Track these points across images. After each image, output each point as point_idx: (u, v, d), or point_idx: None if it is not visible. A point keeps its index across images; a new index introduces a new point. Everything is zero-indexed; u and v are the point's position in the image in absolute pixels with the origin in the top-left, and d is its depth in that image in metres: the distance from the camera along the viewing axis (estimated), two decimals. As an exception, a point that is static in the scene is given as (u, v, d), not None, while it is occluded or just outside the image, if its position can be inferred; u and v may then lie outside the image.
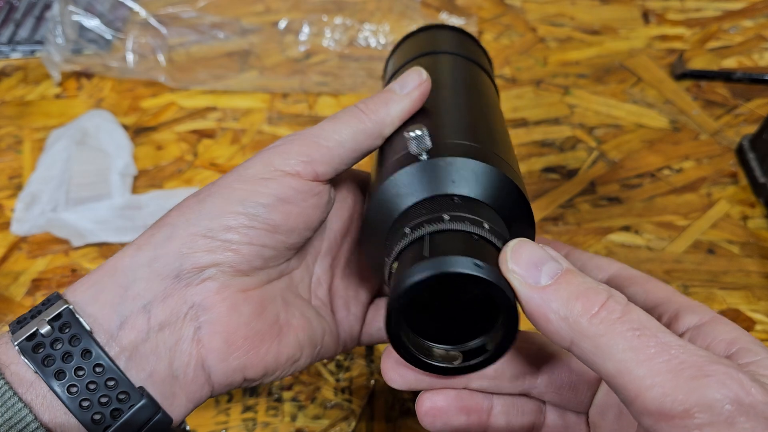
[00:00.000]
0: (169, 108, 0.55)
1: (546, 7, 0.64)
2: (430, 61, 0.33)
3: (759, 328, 0.39)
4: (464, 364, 0.23)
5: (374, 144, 0.28)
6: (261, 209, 0.25)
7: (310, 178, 0.26)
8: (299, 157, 0.26)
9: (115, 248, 0.44)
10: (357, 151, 0.27)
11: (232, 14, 0.62)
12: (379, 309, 0.32)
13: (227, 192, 0.25)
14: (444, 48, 0.35)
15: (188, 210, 0.26)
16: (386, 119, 0.27)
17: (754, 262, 0.43)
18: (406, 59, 0.34)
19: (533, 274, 0.21)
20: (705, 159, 0.50)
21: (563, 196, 0.47)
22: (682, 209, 0.46)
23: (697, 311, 0.23)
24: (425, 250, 0.21)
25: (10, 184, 0.49)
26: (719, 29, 0.61)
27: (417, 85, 0.28)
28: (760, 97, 0.54)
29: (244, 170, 0.26)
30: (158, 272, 0.24)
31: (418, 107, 0.28)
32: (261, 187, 0.25)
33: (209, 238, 0.25)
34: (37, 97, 0.56)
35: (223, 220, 0.25)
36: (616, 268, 0.27)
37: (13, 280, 0.43)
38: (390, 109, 0.28)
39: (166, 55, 0.57)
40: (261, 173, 0.26)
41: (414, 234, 0.22)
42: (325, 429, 0.36)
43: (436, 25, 0.38)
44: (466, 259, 0.20)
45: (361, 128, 0.27)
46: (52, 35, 0.56)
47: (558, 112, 0.54)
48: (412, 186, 0.25)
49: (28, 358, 0.23)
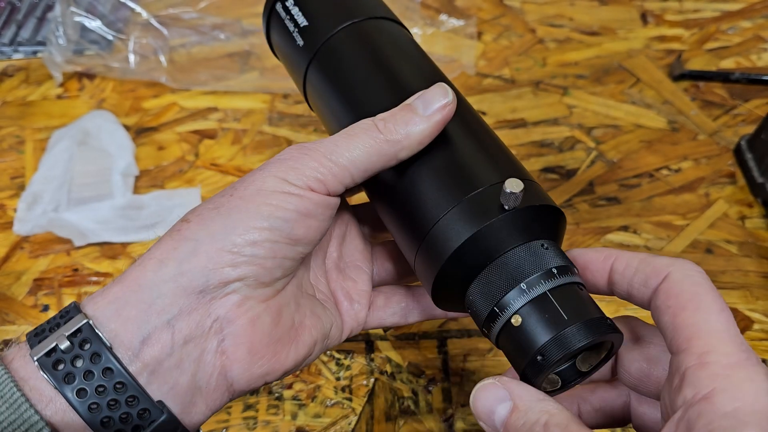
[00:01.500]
0: (170, 108, 0.55)
1: (545, 8, 0.64)
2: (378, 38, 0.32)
3: (757, 327, 0.40)
4: (563, 386, 0.26)
5: (387, 164, 0.27)
6: (284, 224, 0.25)
7: (323, 193, 0.26)
8: (313, 173, 0.26)
9: (116, 248, 0.45)
10: (369, 171, 0.27)
11: (233, 15, 0.62)
12: (386, 296, 0.32)
13: (251, 207, 0.25)
14: (371, 10, 0.33)
15: (211, 223, 0.25)
16: (404, 142, 0.26)
17: (752, 262, 0.43)
18: (328, 30, 0.32)
19: (492, 423, 0.24)
20: (703, 159, 0.50)
21: (562, 196, 0.47)
22: (681, 209, 0.46)
23: (701, 380, 0.21)
24: (563, 312, 0.24)
25: (12, 184, 0.49)
26: (717, 30, 0.61)
27: (441, 107, 0.27)
28: (758, 97, 0.55)
29: (262, 183, 0.26)
30: (184, 287, 0.24)
31: (439, 131, 0.27)
32: (283, 202, 0.25)
33: (235, 253, 0.25)
34: (38, 98, 0.57)
35: (248, 235, 0.25)
36: (670, 274, 0.24)
37: (15, 279, 0.43)
38: (410, 130, 0.26)
39: (168, 56, 0.57)
40: (280, 187, 0.26)
41: (533, 291, 0.24)
42: (326, 427, 0.36)
43: None
44: (604, 321, 0.24)
45: (376, 148, 0.26)
46: (54, 36, 0.56)
47: (557, 112, 0.54)
48: (503, 234, 0.25)
49: (48, 375, 0.23)
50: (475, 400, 0.24)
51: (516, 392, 0.23)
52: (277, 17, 0.34)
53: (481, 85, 0.57)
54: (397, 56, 0.32)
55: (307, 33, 0.33)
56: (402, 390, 0.37)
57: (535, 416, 0.22)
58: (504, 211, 0.25)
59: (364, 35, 0.32)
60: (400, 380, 0.38)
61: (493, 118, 0.53)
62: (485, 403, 0.24)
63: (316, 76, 0.33)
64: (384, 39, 0.32)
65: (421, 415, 0.36)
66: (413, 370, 0.38)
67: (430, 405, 0.37)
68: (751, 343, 0.39)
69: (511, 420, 0.23)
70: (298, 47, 0.33)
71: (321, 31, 0.32)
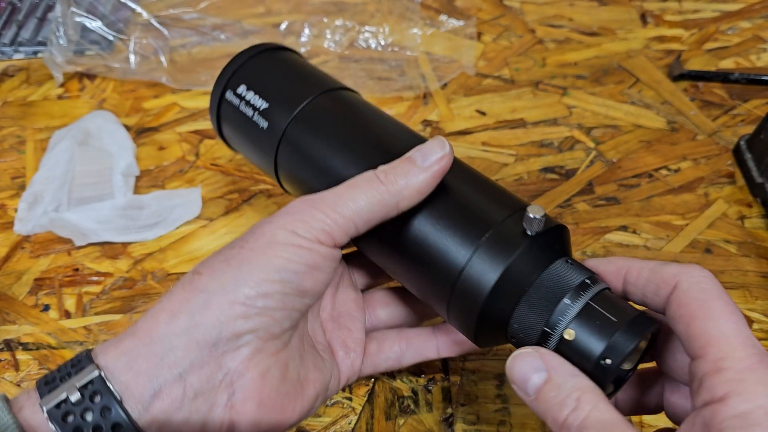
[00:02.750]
0: (170, 109, 0.55)
1: (544, 9, 0.64)
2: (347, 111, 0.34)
3: (756, 327, 0.40)
4: (616, 389, 0.27)
5: (389, 214, 0.28)
6: (294, 276, 0.26)
7: (330, 245, 0.27)
8: (320, 225, 0.26)
9: (117, 248, 0.45)
10: (371, 221, 0.27)
11: (234, 16, 0.62)
12: (378, 342, 0.33)
13: (262, 259, 0.26)
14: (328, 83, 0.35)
15: (222, 276, 0.26)
16: (404, 192, 0.27)
17: (752, 262, 0.43)
18: (296, 104, 0.33)
19: (525, 388, 0.25)
20: (702, 159, 0.50)
21: (561, 196, 0.48)
22: (680, 209, 0.46)
23: (716, 385, 0.21)
24: (611, 315, 0.26)
25: (13, 184, 0.50)
26: (717, 30, 0.61)
27: (439, 158, 0.28)
28: (758, 97, 0.55)
29: (272, 236, 0.26)
30: (196, 340, 0.25)
31: (438, 182, 0.28)
32: (294, 255, 0.26)
33: (247, 305, 0.25)
34: (39, 98, 0.57)
35: (260, 287, 0.25)
36: (679, 283, 0.25)
37: (15, 279, 0.43)
38: (410, 181, 0.27)
39: (168, 57, 0.58)
40: (290, 240, 0.26)
41: (577, 304, 0.26)
42: (326, 427, 0.36)
43: (264, 48, 0.37)
44: (645, 315, 0.26)
45: (378, 199, 0.27)
46: (55, 36, 0.56)
47: (556, 112, 0.54)
48: (531, 260, 0.27)
49: (57, 426, 0.23)
50: (512, 366, 0.25)
51: (551, 364, 0.25)
52: (230, 106, 0.35)
53: (480, 85, 0.57)
54: (373, 115, 0.34)
55: (271, 113, 0.34)
56: (402, 389, 0.37)
57: (567, 391, 0.24)
58: (526, 238, 0.26)
59: (334, 102, 0.34)
60: (400, 380, 0.38)
61: (493, 119, 0.54)
62: (521, 369, 0.25)
63: (291, 149, 0.33)
64: (354, 103, 0.34)
65: (421, 415, 0.36)
66: (413, 369, 0.38)
67: (430, 404, 0.37)
68: (750, 342, 0.39)
69: (544, 390, 0.24)
70: (262, 129, 0.34)
71: (287, 108, 0.33)
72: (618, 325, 0.25)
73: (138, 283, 0.43)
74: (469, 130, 0.53)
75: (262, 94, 0.34)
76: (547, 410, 0.24)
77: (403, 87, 0.56)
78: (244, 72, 0.35)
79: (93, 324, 0.41)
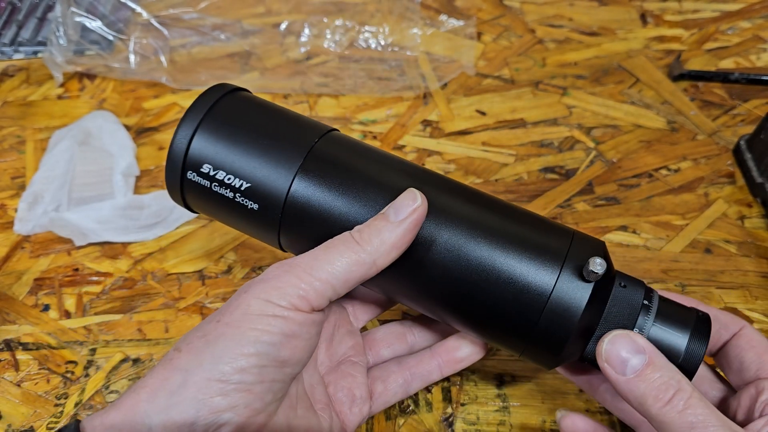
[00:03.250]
0: (170, 109, 0.55)
1: (544, 9, 0.64)
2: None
3: (756, 326, 0.40)
4: None
5: (368, 273, 0.27)
6: (271, 348, 0.26)
7: (307, 311, 0.26)
8: (295, 291, 0.26)
9: (117, 248, 0.45)
10: (349, 282, 0.27)
11: (234, 16, 0.62)
12: (382, 380, 0.33)
13: (237, 333, 0.26)
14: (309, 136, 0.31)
15: (199, 353, 0.26)
16: (380, 249, 0.27)
17: (751, 262, 0.43)
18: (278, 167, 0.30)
19: (621, 369, 0.26)
20: (702, 159, 0.50)
21: (561, 196, 0.48)
22: (680, 209, 0.46)
23: None
24: (681, 315, 0.29)
25: (13, 184, 0.50)
26: (717, 30, 0.61)
27: (411, 211, 0.28)
28: (758, 97, 0.55)
29: (246, 307, 0.26)
30: (174, 420, 0.25)
31: (413, 235, 0.28)
32: (268, 325, 0.26)
33: (224, 381, 0.25)
34: (39, 98, 0.57)
35: (236, 362, 0.25)
36: (740, 327, 0.31)
37: (15, 279, 0.43)
38: (383, 237, 0.27)
39: (168, 56, 0.58)
40: (264, 310, 0.26)
41: (650, 316, 0.29)
42: (326, 426, 0.36)
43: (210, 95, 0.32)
44: (698, 311, 0.30)
45: (354, 259, 0.27)
46: (55, 36, 0.56)
47: (556, 112, 0.54)
48: (599, 292, 0.29)
49: None
50: (611, 346, 0.27)
51: (651, 350, 0.27)
52: (197, 187, 0.31)
53: (480, 85, 0.57)
54: (369, 160, 0.31)
55: (259, 193, 0.30)
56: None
57: (670, 374, 0.26)
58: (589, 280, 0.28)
59: (323, 161, 0.30)
60: (400, 379, 0.38)
61: (493, 119, 0.54)
62: (621, 350, 0.27)
63: (296, 222, 0.30)
64: (343, 148, 0.31)
65: (421, 415, 0.36)
66: (413, 369, 0.38)
67: (430, 404, 0.37)
68: (750, 342, 0.39)
69: (646, 371, 0.26)
70: (253, 210, 0.30)
71: (278, 186, 0.30)
72: (692, 319, 0.29)
73: (138, 283, 0.43)
74: (469, 130, 0.53)
75: (238, 174, 0.30)
76: (647, 391, 0.25)
77: (403, 87, 0.56)
78: (202, 146, 0.30)
79: (93, 324, 0.41)
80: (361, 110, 0.55)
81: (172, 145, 0.31)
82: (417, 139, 0.52)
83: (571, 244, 0.29)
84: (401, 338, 0.35)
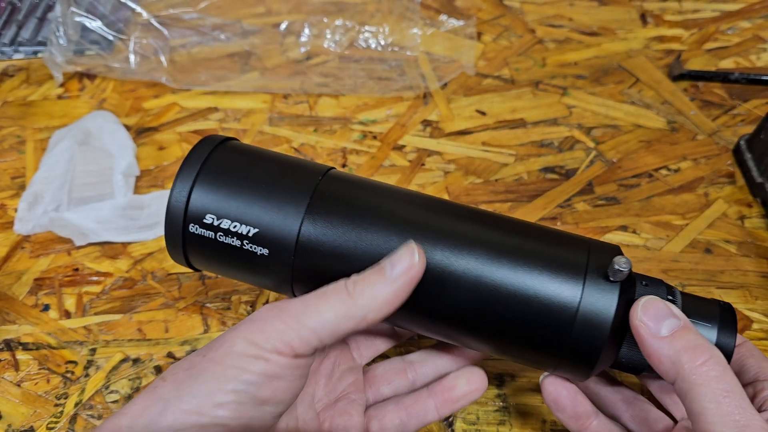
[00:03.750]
0: (171, 109, 0.55)
1: (544, 9, 0.64)
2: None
3: (756, 326, 0.40)
4: None
5: (357, 327, 0.27)
6: (251, 387, 0.26)
7: (290, 356, 0.26)
8: (280, 336, 0.26)
9: (117, 247, 0.45)
10: (336, 333, 0.27)
11: (234, 16, 0.62)
12: (378, 419, 0.33)
13: (219, 369, 0.26)
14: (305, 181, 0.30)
15: (182, 384, 0.26)
16: (372, 304, 0.27)
17: (751, 262, 0.43)
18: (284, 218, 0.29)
19: (656, 326, 0.27)
20: (702, 159, 0.50)
21: (561, 195, 0.48)
22: (680, 209, 0.46)
23: None
24: (704, 304, 0.30)
25: (13, 184, 0.50)
26: (717, 30, 0.61)
27: (407, 269, 0.27)
28: (758, 97, 0.55)
29: (230, 346, 0.26)
30: None
31: (407, 293, 0.27)
32: (249, 365, 0.26)
33: (200, 414, 0.25)
34: (39, 98, 0.57)
35: (214, 397, 0.25)
36: (743, 341, 0.32)
37: (15, 279, 0.43)
38: (376, 293, 0.27)
39: (168, 56, 0.58)
40: (247, 350, 0.26)
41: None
42: (326, 426, 0.36)
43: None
44: (725, 308, 0.30)
45: (344, 311, 0.26)
46: (55, 36, 0.56)
47: (556, 112, 0.54)
48: (626, 294, 0.29)
49: None
50: (649, 305, 0.27)
51: (684, 317, 0.27)
52: (201, 239, 0.30)
53: (480, 85, 0.57)
54: (374, 194, 0.31)
55: (268, 238, 0.29)
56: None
57: (704, 341, 0.26)
58: (614, 281, 0.28)
59: (330, 200, 0.30)
60: (400, 379, 0.38)
61: (493, 119, 0.54)
62: (657, 312, 0.27)
63: (310, 264, 0.30)
64: (350, 186, 0.31)
65: (421, 414, 0.36)
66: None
67: (430, 404, 0.37)
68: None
69: (682, 334, 0.26)
70: (263, 256, 0.30)
71: (286, 229, 0.29)
72: (716, 306, 0.30)
73: (138, 283, 0.43)
74: (469, 130, 0.53)
75: (244, 220, 0.29)
76: (683, 349, 0.26)
77: (403, 87, 0.56)
78: (202, 197, 0.30)
79: (93, 324, 0.41)
80: (361, 110, 0.55)
81: (170, 201, 0.30)
82: (417, 139, 0.52)
83: (589, 251, 0.29)
84: (402, 374, 0.35)
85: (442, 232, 0.29)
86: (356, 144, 0.52)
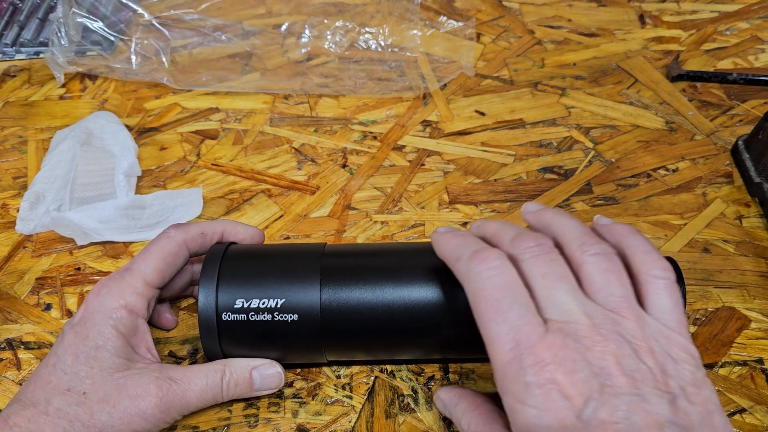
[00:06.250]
0: (172, 109, 0.55)
1: (543, 10, 0.65)
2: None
3: (754, 326, 0.40)
4: None
5: (214, 401, 0.35)
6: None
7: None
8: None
9: (119, 247, 0.45)
10: (194, 406, 0.34)
11: (234, 17, 0.63)
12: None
13: None
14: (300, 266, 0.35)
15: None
16: (234, 392, 0.35)
17: (749, 261, 0.43)
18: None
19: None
20: (700, 159, 0.50)
21: (560, 196, 0.48)
22: (678, 209, 0.47)
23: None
24: None
25: (15, 184, 0.50)
26: (715, 31, 0.62)
27: (269, 389, 0.36)
28: (756, 97, 0.55)
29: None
30: None
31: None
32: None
33: None
34: (41, 98, 0.57)
35: None
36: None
37: (17, 278, 0.44)
38: (240, 392, 0.35)
39: (169, 57, 0.58)
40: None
41: None
42: (326, 425, 0.36)
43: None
44: None
45: (211, 395, 0.34)
46: (56, 37, 0.56)
47: (555, 113, 0.54)
48: None
49: None
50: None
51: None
52: (235, 324, 0.34)
53: (479, 86, 0.57)
54: (370, 253, 0.37)
55: (294, 303, 0.34)
56: (402, 388, 0.38)
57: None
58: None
59: (335, 263, 0.35)
60: (400, 378, 0.38)
61: (492, 119, 0.54)
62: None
63: (336, 321, 0.34)
64: (349, 251, 0.37)
65: (421, 413, 0.37)
66: (413, 368, 0.39)
67: (430, 403, 0.37)
68: (748, 342, 0.39)
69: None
70: (294, 322, 0.34)
71: (308, 290, 0.34)
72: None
73: (139, 283, 0.43)
74: (468, 130, 0.53)
75: (270, 295, 0.34)
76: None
77: (403, 88, 0.56)
78: (228, 290, 0.34)
79: (95, 323, 0.41)
80: (361, 111, 0.55)
81: (200, 303, 0.34)
82: (417, 139, 0.52)
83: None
84: None
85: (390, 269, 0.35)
86: (356, 144, 0.52)
